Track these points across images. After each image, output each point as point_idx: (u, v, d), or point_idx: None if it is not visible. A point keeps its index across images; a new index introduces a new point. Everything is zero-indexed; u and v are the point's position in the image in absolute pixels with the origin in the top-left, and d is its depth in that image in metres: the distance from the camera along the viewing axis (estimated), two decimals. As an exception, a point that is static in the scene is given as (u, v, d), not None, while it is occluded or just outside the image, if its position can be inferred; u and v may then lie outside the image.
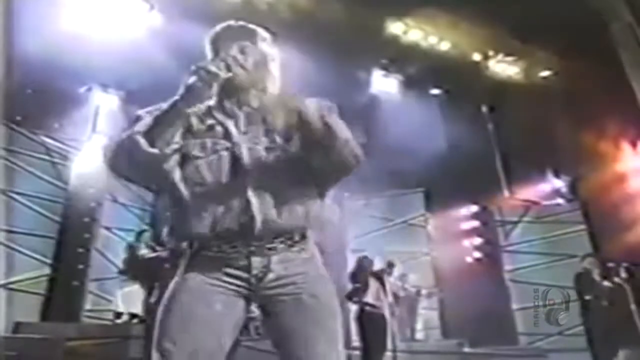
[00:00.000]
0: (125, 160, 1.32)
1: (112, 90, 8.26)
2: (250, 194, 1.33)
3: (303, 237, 1.40)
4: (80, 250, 7.49)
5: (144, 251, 6.20)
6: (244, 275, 1.33)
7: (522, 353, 8.17)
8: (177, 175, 1.36)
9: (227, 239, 1.32)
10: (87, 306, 7.39)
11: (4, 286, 6.51)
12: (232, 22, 1.56)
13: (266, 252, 1.34)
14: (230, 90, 1.43)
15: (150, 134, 1.29)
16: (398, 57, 9.07)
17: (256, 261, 1.33)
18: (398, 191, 10.03)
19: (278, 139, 1.41)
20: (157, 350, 1.27)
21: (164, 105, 1.36)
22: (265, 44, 1.54)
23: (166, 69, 6.54)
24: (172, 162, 1.36)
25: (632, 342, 5.64)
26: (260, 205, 1.32)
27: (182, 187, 1.35)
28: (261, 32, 1.56)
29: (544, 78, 9.27)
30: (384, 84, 9.48)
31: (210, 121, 1.42)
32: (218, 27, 1.56)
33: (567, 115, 8.41)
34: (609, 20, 7.74)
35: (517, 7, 7.15)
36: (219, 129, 1.41)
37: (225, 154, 1.38)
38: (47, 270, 7.15)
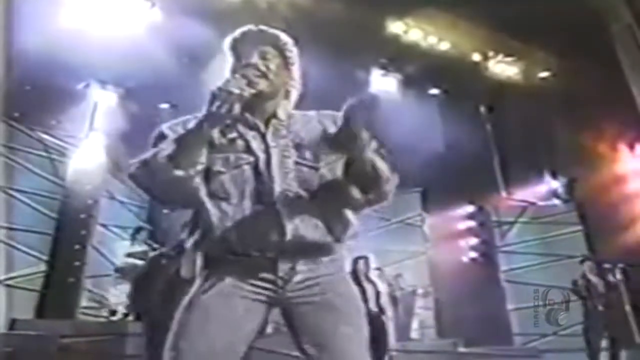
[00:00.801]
0: (150, 181, 1.31)
1: (111, 87, 8.23)
2: (280, 208, 1.32)
3: (330, 250, 1.40)
4: (77, 247, 7.47)
5: (140, 249, 6.19)
6: (270, 277, 1.33)
7: (516, 353, 8.20)
8: (202, 192, 1.35)
9: (254, 248, 1.32)
10: (83, 303, 7.38)
11: (1, 282, 6.50)
12: (251, 27, 1.51)
13: (293, 256, 1.34)
14: (253, 101, 1.40)
15: (176, 156, 1.28)
16: (397, 57, 9.07)
17: (283, 264, 1.34)
18: (395, 190, 10.01)
19: (308, 155, 1.40)
20: (172, 349, 1.27)
21: (189, 125, 1.34)
22: (287, 47, 1.52)
23: (166, 67, 6.54)
24: (198, 180, 1.34)
25: (628, 343, 5.67)
26: (289, 219, 1.32)
27: (208, 203, 1.34)
28: (282, 35, 1.53)
29: (543, 79, 9.27)
30: (382, 84, 9.47)
31: (232, 134, 1.40)
32: (237, 32, 1.51)
33: (565, 116, 8.43)
34: (608, 21, 7.75)
35: (517, 7, 7.15)
36: (240, 142, 1.40)
37: (247, 167, 1.37)
38: (43, 267, 7.14)
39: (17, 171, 7.19)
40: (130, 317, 6.11)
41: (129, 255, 6.31)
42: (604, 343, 5.84)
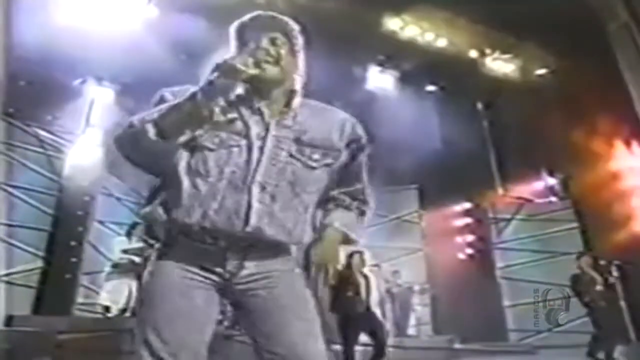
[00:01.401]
0: (131, 145, 1.30)
1: (107, 83, 8.20)
2: (255, 197, 1.29)
3: (287, 252, 1.39)
4: (73, 243, 7.46)
5: (137, 245, 6.18)
6: (218, 269, 1.32)
7: (512, 349, 8.24)
8: (181, 164, 1.32)
9: (211, 234, 1.30)
10: (79, 299, 7.37)
11: (-1, 278, 6.50)
12: (261, 12, 1.48)
13: (244, 250, 1.32)
14: (260, 86, 1.38)
15: (162, 123, 1.26)
16: (395, 54, 9.06)
17: (232, 257, 1.32)
18: (392, 187, 10.05)
19: (307, 152, 1.38)
20: (145, 345, 1.25)
21: (185, 95, 1.30)
22: (295, 34, 1.48)
23: (162, 63, 6.52)
24: (179, 152, 1.32)
25: (622, 339, 5.71)
26: (259, 210, 1.29)
27: (182, 175, 1.31)
28: (291, 22, 1.49)
29: (540, 76, 9.28)
30: (380, 80, 9.47)
31: (232, 114, 1.36)
32: (246, 17, 1.47)
33: (561, 113, 8.44)
34: (606, 19, 7.76)
35: (515, 4, 7.15)
36: (239, 124, 1.36)
37: (236, 150, 1.33)
38: (39, 263, 7.13)
39: (12, 167, 7.17)
40: (127, 314, 6.11)
41: (125, 251, 6.29)
42: (598, 339, 5.88)
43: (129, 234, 6.81)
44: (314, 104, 1.50)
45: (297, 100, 1.44)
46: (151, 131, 1.25)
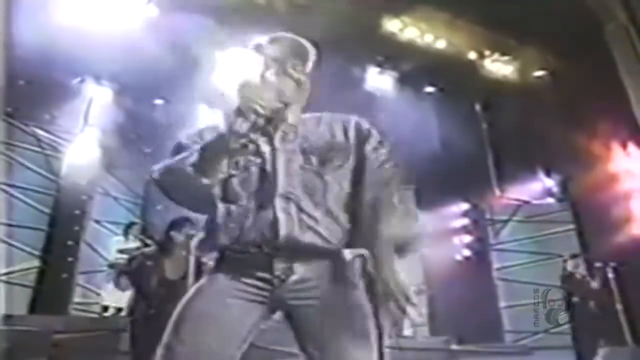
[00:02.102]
0: (174, 188, 1.39)
1: (106, 83, 8.18)
2: (278, 209, 1.34)
3: (327, 253, 1.38)
4: (70, 242, 7.45)
5: (133, 244, 6.18)
6: (267, 275, 1.33)
7: (508, 350, 8.25)
8: (217, 197, 1.40)
9: (253, 246, 1.34)
10: (76, 299, 7.36)
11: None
12: (286, 35, 1.54)
13: (290, 256, 1.34)
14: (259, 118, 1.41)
15: (200, 165, 1.33)
16: (393, 55, 9.07)
17: (279, 262, 1.34)
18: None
19: (314, 160, 1.42)
20: (164, 347, 1.27)
21: (205, 135, 1.41)
22: (311, 59, 1.56)
23: (161, 62, 6.51)
24: (216, 187, 1.40)
25: (617, 341, 5.73)
26: (287, 220, 1.33)
27: (220, 207, 1.38)
28: (311, 48, 1.57)
29: (538, 78, 9.30)
30: (378, 81, 9.47)
31: (243, 140, 1.39)
32: (272, 37, 1.53)
33: (559, 114, 8.46)
34: (604, 21, 7.78)
35: (513, 6, 7.16)
36: (251, 146, 1.41)
37: (254, 169, 1.40)
38: (36, 263, 7.11)
39: (10, 166, 7.15)
40: (123, 313, 6.11)
41: (122, 251, 6.29)
42: (594, 341, 5.90)
43: (125, 234, 6.81)
44: (314, 115, 1.56)
45: (299, 115, 1.51)
46: (193, 173, 1.33)
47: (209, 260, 1.42)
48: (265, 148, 1.43)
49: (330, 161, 1.43)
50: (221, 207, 1.38)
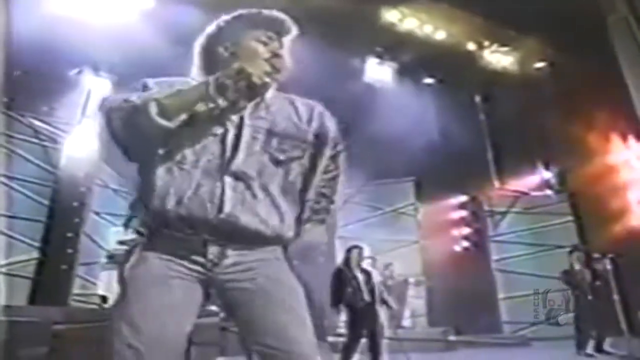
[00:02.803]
0: (126, 120, 1.27)
1: (104, 74, 8.15)
2: (228, 185, 1.29)
3: (264, 239, 1.35)
4: (69, 234, 7.46)
5: (129, 236, 6.17)
6: (200, 259, 1.30)
7: (506, 341, 8.31)
8: (159, 150, 1.31)
9: (187, 222, 1.28)
10: (75, 290, 7.38)
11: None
12: (279, 14, 1.48)
13: (224, 240, 1.30)
14: (247, 85, 1.35)
15: (165, 102, 1.25)
16: (393, 46, 9.04)
17: (212, 247, 1.30)
18: (388, 180, 10.06)
19: (274, 144, 1.37)
20: (117, 335, 1.23)
21: (175, 85, 1.31)
22: (291, 36, 1.49)
23: (159, 53, 6.48)
24: (168, 135, 1.30)
25: (614, 331, 5.76)
26: (233, 198, 1.28)
27: (160, 164, 1.30)
28: (289, 23, 1.49)
29: (538, 69, 9.28)
30: (378, 72, 9.45)
31: (211, 105, 1.34)
32: (270, 13, 1.47)
33: (558, 106, 8.46)
34: (605, 13, 7.74)
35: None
36: (215, 112, 1.34)
37: (211, 138, 1.33)
38: (35, 254, 7.12)
39: (8, 158, 7.13)
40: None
41: (121, 242, 6.29)
42: (591, 331, 5.94)
43: (126, 225, 6.81)
44: (285, 96, 1.50)
45: (270, 93, 1.44)
46: (154, 109, 1.23)
47: (136, 233, 1.36)
48: (230, 117, 1.36)
49: (293, 149, 1.39)
50: (161, 166, 1.30)
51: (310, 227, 1.46)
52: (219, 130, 1.35)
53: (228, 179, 1.30)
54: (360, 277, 4.99)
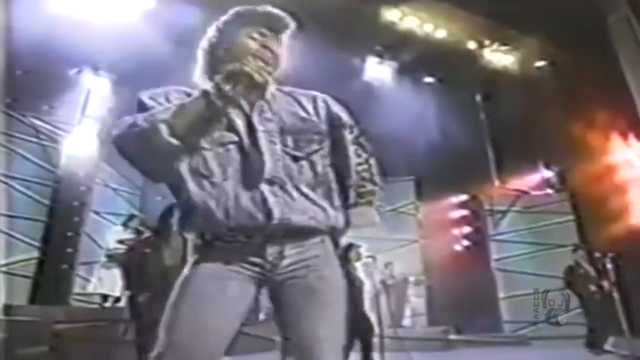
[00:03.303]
0: (139, 145, 1.26)
1: (104, 73, 8.15)
2: (267, 191, 1.30)
3: (317, 232, 1.37)
4: (70, 234, 7.46)
5: (128, 236, 6.20)
6: (259, 261, 1.32)
7: (506, 341, 8.31)
8: (183, 165, 1.31)
9: (241, 232, 1.30)
10: (76, 289, 7.39)
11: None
12: (272, 9, 1.48)
13: (281, 240, 1.33)
14: (246, 85, 1.34)
15: (174, 122, 1.24)
16: (393, 44, 9.02)
17: (271, 248, 1.32)
18: (388, 179, 10.03)
19: (290, 142, 1.38)
20: (164, 329, 1.26)
21: (171, 97, 1.32)
22: (288, 32, 1.50)
23: (159, 53, 6.48)
24: (184, 153, 1.30)
25: (615, 331, 5.76)
26: (277, 202, 1.29)
27: (187, 177, 1.30)
28: (291, 24, 1.50)
29: (539, 68, 9.26)
30: (378, 71, 9.44)
31: (222, 104, 1.33)
32: (246, 8, 1.47)
33: (559, 105, 8.44)
34: (606, 11, 7.73)
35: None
36: (224, 120, 1.35)
37: (232, 147, 1.34)
38: (35, 254, 7.13)
39: (8, 157, 7.13)
40: (121, 304, 6.13)
41: (121, 242, 6.30)
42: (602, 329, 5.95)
43: (125, 225, 6.82)
44: (285, 90, 1.49)
45: (270, 90, 1.43)
46: (165, 130, 1.23)
47: (192, 244, 1.36)
48: (240, 124, 1.36)
49: (305, 147, 1.39)
50: (191, 181, 1.30)
51: (360, 211, 1.49)
52: (235, 138, 1.35)
53: (264, 186, 1.31)
54: (356, 278, 4.99)
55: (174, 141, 1.24)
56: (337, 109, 1.51)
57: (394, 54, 9.30)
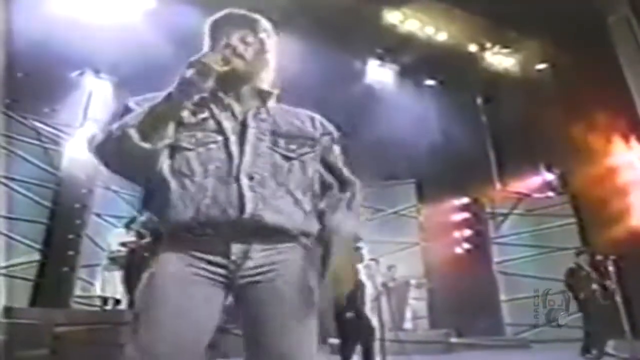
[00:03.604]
0: (114, 153, 1.28)
1: (105, 75, 8.16)
2: (245, 186, 1.29)
3: (289, 236, 1.35)
4: (71, 236, 7.46)
5: (130, 238, 6.19)
6: (223, 261, 1.28)
7: (507, 344, 8.28)
8: (165, 167, 1.32)
9: (209, 226, 1.28)
10: (77, 292, 7.38)
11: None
12: (233, 9, 1.49)
13: (247, 239, 1.29)
14: (228, 83, 1.39)
15: (143, 127, 1.25)
16: (394, 47, 9.03)
17: (236, 247, 1.29)
18: (390, 182, 10.05)
19: (282, 143, 1.39)
20: (136, 343, 1.22)
21: (158, 97, 1.30)
22: (266, 34, 1.50)
23: (160, 55, 6.48)
24: (163, 155, 1.31)
25: (617, 333, 5.74)
26: (253, 198, 1.28)
27: (169, 177, 1.30)
28: (263, 21, 1.51)
29: (540, 71, 9.26)
30: (379, 74, 9.44)
31: (203, 115, 1.37)
32: (218, 14, 1.49)
33: (560, 107, 8.44)
34: (606, 13, 7.74)
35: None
36: (211, 122, 1.36)
37: (214, 146, 1.34)
38: (37, 256, 7.12)
39: (9, 159, 7.14)
40: (122, 306, 6.12)
41: (123, 244, 6.30)
42: (600, 334, 5.92)
43: (127, 227, 6.81)
44: (284, 106, 1.51)
45: (272, 101, 1.46)
46: (135, 136, 1.24)
47: (154, 239, 1.34)
48: (230, 125, 1.37)
49: (301, 146, 1.41)
50: (172, 181, 1.30)
51: (339, 219, 1.44)
52: (219, 138, 1.35)
53: (244, 180, 1.30)
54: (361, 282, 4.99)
55: (146, 145, 1.24)
56: (331, 128, 1.53)
57: (395, 57, 9.31)
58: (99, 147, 1.31)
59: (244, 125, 1.38)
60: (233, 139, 1.36)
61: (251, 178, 1.31)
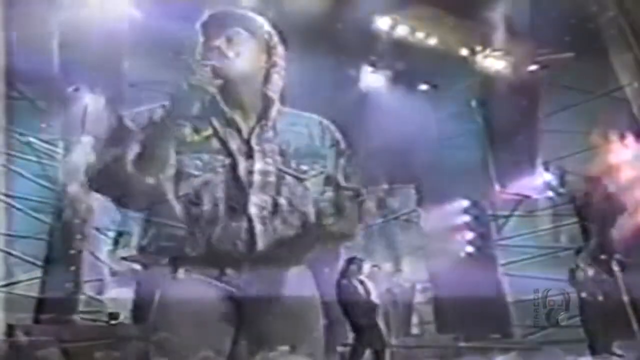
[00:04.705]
0: (115, 188, 1.24)
1: (99, 90, 8.15)
2: (255, 218, 1.25)
3: (294, 263, 1.35)
4: (72, 251, 7.43)
5: (126, 253, 6.17)
6: (234, 280, 1.28)
7: (516, 346, 8.22)
8: (171, 195, 1.25)
9: (219, 260, 1.26)
10: (81, 307, 7.33)
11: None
12: (220, 8, 1.44)
13: (257, 265, 1.28)
14: (226, 90, 1.29)
15: (142, 161, 1.17)
16: (386, 53, 9.07)
17: (244, 274, 1.28)
18: (389, 187, 10.05)
19: (293, 164, 1.34)
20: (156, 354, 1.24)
21: (154, 117, 1.25)
22: (262, 29, 1.41)
23: (152, 66, 6.51)
24: (168, 184, 1.25)
25: (626, 334, 5.71)
26: (263, 233, 1.25)
27: (177, 207, 1.25)
28: (256, 17, 1.44)
29: (532, 72, 9.31)
30: (372, 80, 9.47)
31: (206, 132, 1.29)
32: (205, 15, 1.42)
33: (555, 108, 8.48)
34: (596, 13, 7.79)
35: (505, 0, 7.20)
36: (215, 141, 1.29)
37: (222, 170, 1.27)
38: (38, 273, 7.09)
39: (7, 176, 7.11)
40: (128, 321, 6.09)
41: (124, 259, 6.28)
42: (601, 333, 5.89)
43: (115, 243, 6.76)
44: (290, 111, 1.45)
45: (274, 110, 1.37)
46: (135, 175, 1.17)
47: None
48: (236, 146, 1.29)
49: (312, 166, 1.36)
50: (179, 209, 1.24)
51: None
52: (227, 161, 1.29)
53: (253, 210, 1.26)
54: (359, 287, 4.99)
55: (150, 180, 1.18)
56: (338, 136, 1.47)
57: (387, 63, 9.34)
58: (93, 182, 1.29)
59: (249, 146, 1.31)
60: (240, 161, 1.29)
61: (262, 208, 1.27)
